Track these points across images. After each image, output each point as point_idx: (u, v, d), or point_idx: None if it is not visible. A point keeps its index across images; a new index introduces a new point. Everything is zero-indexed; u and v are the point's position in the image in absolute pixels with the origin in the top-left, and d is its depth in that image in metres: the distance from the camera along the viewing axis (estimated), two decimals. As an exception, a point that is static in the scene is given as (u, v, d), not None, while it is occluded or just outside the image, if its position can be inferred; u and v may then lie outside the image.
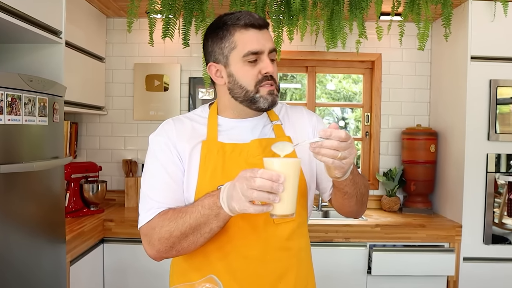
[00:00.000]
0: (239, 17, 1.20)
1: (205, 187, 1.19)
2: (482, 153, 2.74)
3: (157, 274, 2.70)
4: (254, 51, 1.19)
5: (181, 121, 1.29)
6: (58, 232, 2.08)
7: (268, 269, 1.23)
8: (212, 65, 1.25)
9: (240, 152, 1.24)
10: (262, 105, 1.23)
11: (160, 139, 1.25)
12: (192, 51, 3.25)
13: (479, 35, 2.72)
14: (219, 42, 1.22)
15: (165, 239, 1.14)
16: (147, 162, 1.27)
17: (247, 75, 1.21)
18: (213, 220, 1.10)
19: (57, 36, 2.16)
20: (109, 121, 3.32)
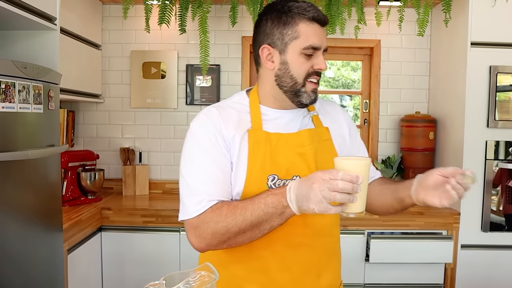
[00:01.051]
0: (306, 9, 1.19)
1: (255, 177, 1.20)
2: (481, 140, 2.72)
3: (155, 262, 2.71)
4: (315, 45, 1.20)
5: (225, 110, 1.26)
6: (55, 220, 2.07)
7: (317, 256, 1.27)
8: (266, 47, 1.24)
9: (286, 142, 1.23)
10: (304, 101, 1.24)
11: (207, 129, 1.22)
12: (189, 37, 3.21)
13: (479, 20, 2.69)
14: (281, 27, 1.21)
15: (220, 234, 1.14)
16: (193, 152, 1.23)
17: (301, 67, 1.21)
18: (276, 218, 1.11)
19: (51, 22, 2.13)
20: (106, 109, 3.30)
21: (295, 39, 1.20)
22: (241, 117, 1.26)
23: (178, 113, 3.29)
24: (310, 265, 1.25)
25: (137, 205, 2.85)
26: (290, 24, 1.20)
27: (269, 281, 1.23)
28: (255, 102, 1.28)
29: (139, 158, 3.26)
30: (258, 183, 1.20)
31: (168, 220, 2.69)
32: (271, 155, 1.22)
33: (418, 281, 2.76)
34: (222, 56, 3.27)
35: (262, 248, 1.22)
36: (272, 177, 1.21)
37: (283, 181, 1.21)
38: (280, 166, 1.19)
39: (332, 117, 1.39)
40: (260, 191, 1.15)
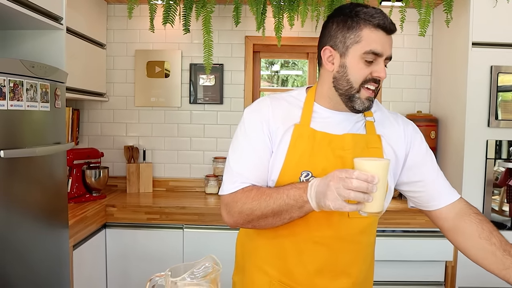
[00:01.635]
0: (373, 15, 1.19)
1: (290, 170, 1.24)
2: (482, 139, 2.74)
3: (159, 258, 2.74)
4: (376, 52, 1.19)
5: (278, 101, 1.32)
6: (61, 217, 2.11)
7: (335, 259, 1.28)
8: (328, 49, 1.25)
9: (329, 142, 1.25)
10: (357, 107, 1.24)
11: (255, 116, 1.29)
12: (193, 37, 3.25)
13: (480, 21, 2.71)
14: (345, 31, 1.22)
15: (245, 215, 1.22)
16: (238, 136, 1.32)
17: (359, 72, 1.21)
18: (296, 211, 1.16)
19: (58, 22, 2.16)
20: (110, 107, 3.33)
21: (356, 43, 1.20)
22: (291, 111, 1.29)
23: (181, 112, 3.33)
24: (326, 265, 1.27)
25: (141, 203, 2.89)
26: (354, 28, 1.20)
27: (286, 270, 1.29)
28: (311, 99, 1.30)
29: (143, 156, 3.30)
30: (292, 176, 1.23)
31: (171, 217, 2.73)
32: (311, 152, 1.24)
33: (419, 278, 2.79)
34: (225, 55, 3.30)
35: (284, 236, 1.28)
36: (306, 173, 1.23)
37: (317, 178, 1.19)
38: (317, 164, 1.23)
39: (389, 128, 1.35)
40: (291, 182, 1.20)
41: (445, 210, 1.36)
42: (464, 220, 1.33)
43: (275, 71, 3.60)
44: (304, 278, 1.27)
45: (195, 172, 3.34)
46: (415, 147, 1.37)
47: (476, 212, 1.36)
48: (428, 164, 1.39)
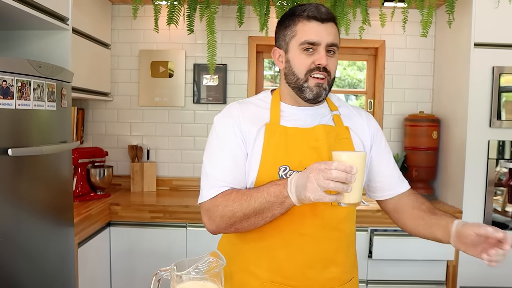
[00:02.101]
0: (305, 9, 1.27)
1: (267, 167, 1.28)
2: (484, 140, 2.76)
3: (162, 256, 2.77)
4: (311, 41, 1.26)
5: (246, 105, 1.37)
6: (66, 215, 2.14)
7: (322, 248, 1.30)
8: (276, 50, 1.36)
9: (301, 136, 1.30)
10: (308, 95, 1.29)
11: (227, 120, 1.32)
12: (196, 37, 3.27)
13: (482, 21, 2.72)
14: (284, 30, 1.32)
15: (227, 218, 1.23)
16: (211, 142, 1.34)
17: (301, 63, 1.28)
18: (277, 207, 1.19)
19: (64, 22, 2.20)
20: (115, 107, 3.36)
21: (293, 38, 1.29)
22: (259, 113, 1.35)
23: (185, 112, 3.35)
24: (315, 256, 1.30)
25: (145, 201, 2.91)
26: (290, 25, 1.30)
27: (276, 268, 1.29)
28: (276, 99, 1.37)
29: (147, 155, 3.33)
30: (270, 172, 1.27)
31: (175, 216, 2.75)
32: (286, 147, 1.28)
33: (420, 277, 2.81)
34: (229, 55, 3.32)
35: (272, 235, 1.29)
36: (284, 168, 1.27)
37: (295, 172, 1.25)
38: (293, 158, 1.27)
39: (355, 121, 1.41)
40: (271, 180, 1.23)
41: (395, 198, 1.44)
42: (402, 200, 1.43)
43: (278, 71, 3.62)
44: (295, 272, 1.29)
45: (198, 172, 3.35)
46: (377, 140, 1.44)
47: (415, 193, 1.47)
48: (387, 157, 1.47)
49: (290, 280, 1.29)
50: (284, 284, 1.29)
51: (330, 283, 1.32)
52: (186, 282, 0.84)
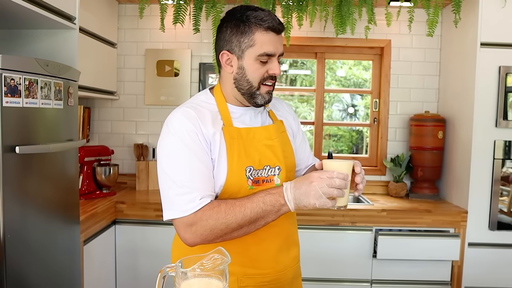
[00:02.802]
0: (263, 18, 1.28)
1: (235, 169, 1.30)
2: (490, 140, 2.75)
3: (167, 254, 2.77)
4: (269, 53, 1.30)
5: (198, 109, 1.32)
6: (72, 212, 2.16)
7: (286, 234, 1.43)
8: (225, 53, 1.33)
9: (254, 135, 1.36)
10: (259, 101, 1.35)
11: (188, 128, 1.27)
12: (202, 37, 3.28)
13: (489, 21, 2.71)
14: (238, 35, 1.30)
15: (219, 230, 1.22)
16: (177, 151, 1.26)
17: (256, 72, 1.31)
18: (272, 215, 1.23)
19: (71, 22, 2.21)
20: (120, 106, 3.38)
21: (251, 47, 1.29)
22: (213, 116, 1.34)
23: (190, 111, 3.36)
24: (282, 242, 1.41)
25: (150, 200, 2.93)
26: (247, 33, 1.29)
27: (249, 262, 1.35)
28: (222, 101, 1.38)
29: (152, 154, 3.34)
30: (238, 174, 1.31)
31: (180, 214, 2.76)
32: (245, 148, 1.33)
33: (425, 278, 2.80)
34: (234, 55, 3.32)
35: None
36: (249, 168, 1.33)
37: (257, 171, 1.34)
38: (254, 158, 1.33)
39: (281, 111, 1.54)
40: (240, 182, 1.30)
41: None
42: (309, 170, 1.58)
43: (284, 70, 3.62)
44: (268, 261, 1.37)
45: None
46: (296, 122, 1.59)
47: None
48: (301, 135, 1.61)
49: (263, 270, 1.36)
50: (258, 274, 1.36)
51: (294, 261, 1.46)
52: (191, 279, 0.85)
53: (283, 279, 1.40)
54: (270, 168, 1.36)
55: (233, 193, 1.31)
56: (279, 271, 1.39)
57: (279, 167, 1.37)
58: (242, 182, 1.30)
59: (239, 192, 1.30)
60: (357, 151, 3.69)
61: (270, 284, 1.37)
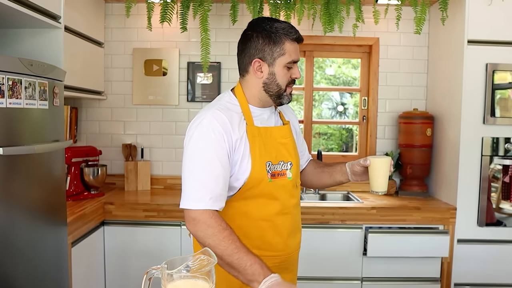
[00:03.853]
0: (289, 30, 1.49)
1: (258, 165, 1.47)
2: (478, 137, 2.77)
3: (157, 255, 2.76)
4: (296, 60, 1.52)
5: (227, 112, 1.48)
6: (59, 214, 2.13)
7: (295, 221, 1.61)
8: (258, 61, 1.50)
9: (271, 134, 1.55)
10: (285, 101, 1.57)
11: (217, 129, 1.42)
12: (190, 35, 3.26)
13: (476, 19, 2.73)
14: (271, 45, 1.48)
15: (207, 243, 1.32)
16: (200, 149, 1.40)
17: (285, 77, 1.52)
18: (243, 278, 1.29)
19: (56, 21, 2.18)
20: (108, 106, 3.35)
21: (282, 56, 1.49)
22: (239, 116, 1.51)
23: (179, 110, 3.34)
24: (292, 228, 1.59)
25: (139, 200, 2.91)
26: (279, 43, 1.48)
27: (265, 245, 1.52)
28: (245, 103, 1.55)
29: (141, 154, 3.32)
30: (261, 169, 1.48)
31: (169, 215, 2.75)
32: (264, 145, 1.51)
33: (415, 274, 2.81)
34: (222, 53, 3.32)
35: (262, 219, 1.51)
36: (268, 163, 1.50)
37: (274, 165, 1.52)
38: (271, 154, 1.52)
39: (287, 114, 1.75)
40: (262, 176, 1.47)
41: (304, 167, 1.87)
42: (307, 165, 1.87)
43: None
44: (279, 244, 1.55)
45: (193, 170, 3.35)
46: (297, 122, 1.80)
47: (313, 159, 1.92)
48: (300, 134, 1.84)
49: (276, 252, 1.55)
50: (272, 256, 1.53)
51: (298, 245, 1.66)
52: (177, 281, 0.84)
53: (290, 260, 1.61)
54: (284, 163, 1.54)
55: (255, 185, 1.47)
56: (288, 253, 1.58)
57: (291, 162, 1.56)
58: (263, 175, 1.48)
59: (260, 184, 1.48)
60: (347, 149, 3.70)
61: (280, 264, 1.56)
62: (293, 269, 1.67)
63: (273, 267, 1.50)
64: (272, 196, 1.51)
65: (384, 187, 1.57)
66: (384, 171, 1.56)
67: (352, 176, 1.67)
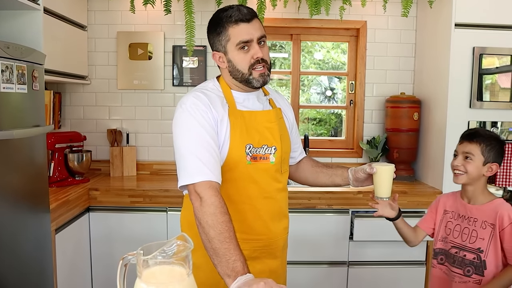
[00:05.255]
0: (230, 15, 1.47)
1: (236, 146, 1.48)
2: (464, 121, 2.77)
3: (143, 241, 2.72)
4: (244, 40, 1.47)
5: (208, 94, 1.51)
6: (42, 201, 2.09)
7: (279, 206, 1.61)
8: (216, 53, 1.55)
9: (256, 118, 1.54)
10: (256, 85, 1.53)
11: (201, 108, 1.45)
12: (175, 18, 3.21)
13: (463, 1, 2.70)
14: (217, 36, 1.51)
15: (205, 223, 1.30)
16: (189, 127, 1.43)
17: (242, 60, 1.50)
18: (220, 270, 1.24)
19: (34, 2, 2.12)
20: (92, 90, 3.29)
21: (228, 41, 1.49)
22: (220, 100, 1.52)
23: (165, 95, 3.30)
24: (275, 212, 1.59)
25: (124, 186, 2.87)
26: (222, 32, 1.50)
27: (246, 228, 1.53)
28: (227, 88, 1.57)
29: (126, 140, 3.28)
30: (238, 150, 1.49)
31: (155, 200, 2.72)
32: (246, 128, 1.51)
33: (401, 258, 2.83)
34: (208, 37, 3.26)
35: (242, 202, 1.52)
36: (249, 146, 1.51)
37: (256, 148, 1.52)
38: (253, 137, 1.52)
39: (280, 102, 1.73)
40: (239, 157, 1.49)
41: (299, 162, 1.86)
42: (302, 162, 1.86)
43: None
44: (261, 228, 1.56)
45: (179, 155, 3.32)
46: (292, 115, 1.79)
47: (309, 156, 1.93)
48: (296, 129, 1.82)
49: (257, 236, 1.55)
50: (253, 239, 1.54)
51: (284, 231, 1.66)
52: (152, 267, 0.82)
53: (275, 246, 1.60)
54: (268, 147, 1.53)
55: (234, 167, 1.49)
56: (271, 238, 1.58)
57: (275, 147, 1.55)
58: (242, 157, 1.49)
59: (238, 166, 1.49)
60: (336, 134, 3.69)
61: (263, 248, 1.57)
62: (280, 255, 1.66)
63: (256, 251, 1.56)
64: (252, 179, 1.52)
65: (390, 192, 1.64)
66: (390, 178, 1.61)
67: (353, 182, 1.69)
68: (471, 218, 1.78)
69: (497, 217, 1.70)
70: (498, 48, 2.73)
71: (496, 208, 1.72)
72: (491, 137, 1.78)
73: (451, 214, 1.86)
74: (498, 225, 1.69)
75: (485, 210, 1.75)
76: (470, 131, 1.86)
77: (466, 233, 1.78)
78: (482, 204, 1.77)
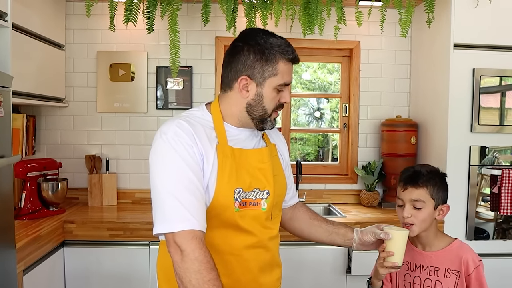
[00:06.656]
0: (285, 48, 1.30)
1: (223, 190, 1.27)
2: (465, 145, 2.64)
3: (122, 278, 2.52)
4: (288, 83, 1.35)
5: (194, 125, 1.30)
6: (6, 238, 1.86)
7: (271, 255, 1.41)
8: (245, 78, 1.31)
9: (247, 157, 1.35)
10: (267, 127, 1.39)
11: (184, 140, 1.25)
12: (159, 37, 3.04)
13: (462, 22, 2.61)
14: (263, 63, 1.30)
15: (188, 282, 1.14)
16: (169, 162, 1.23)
17: (273, 100, 1.34)
18: None
19: (2, 19, 1.92)
20: (70, 113, 3.08)
21: (273, 76, 1.30)
22: (207, 133, 1.31)
23: (148, 118, 3.10)
24: (266, 263, 1.39)
25: (103, 218, 2.65)
26: (272, 62, 1.29)
27: (233, 283, 1.32)
28: (219, 119, 1.36)
29: (106, 166, 3.06)
30: (226, 195, 1.28)
31: (136, 234, 2.50)
32: (236, 169, 1.30)
33: None
34: (194, 57, 3.09)
35: (228, 253, 1.31)
36: (238, 190, 1.30)
37: (246, 193, 1.31)
38: (244, 180, 1.31)
39: (274, 138, 1.55)
40: (227, 204, 1.27)
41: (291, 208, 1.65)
42: (298, 210, 1.66)
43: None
44: (249, 279, 1.35)
45: (163, 183, 3.11)
46: (287, 153, 1.62)
47: (304, 204, 1.71)
48: (289, 170, 1.62)
49: (244, 286, 1.34)
50: None
51: (277, 283, 1.46)
52: None
53: None
54: (259, 192, 1.34)
55: (220, 212, 1.28)
56: None
57: (267, 191, 1.35)
58: (229, 203, 1.28)
59: (225, 213, 1.28)
60: (323, 155, 3.54)
61: None
62: None
63: None
64: (239, 227, 1.31)
65: (402, 259, 1.44)
66: (404, 244, 1.43)
67: (358, 246, 1.52)
68: (431, 267, 1.57)
69: (462, 262, 1.52)
70: (498, 70, 2.62)
71: (458, 253, 1.55)
72: (434, 174, 1.59)
73: (406, 265, 1.63)
74: (464, 271, 1.52)
75: (445, 256, 1.56)
76: (409, 172, 1.61)
77: (429, 285, 1.57)
78: (440, 250, 1.58)
